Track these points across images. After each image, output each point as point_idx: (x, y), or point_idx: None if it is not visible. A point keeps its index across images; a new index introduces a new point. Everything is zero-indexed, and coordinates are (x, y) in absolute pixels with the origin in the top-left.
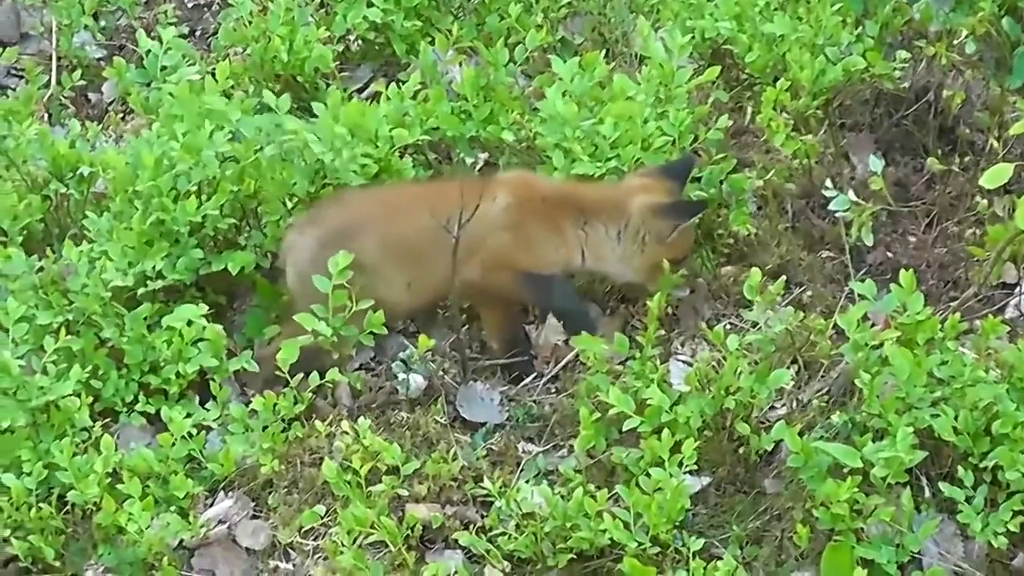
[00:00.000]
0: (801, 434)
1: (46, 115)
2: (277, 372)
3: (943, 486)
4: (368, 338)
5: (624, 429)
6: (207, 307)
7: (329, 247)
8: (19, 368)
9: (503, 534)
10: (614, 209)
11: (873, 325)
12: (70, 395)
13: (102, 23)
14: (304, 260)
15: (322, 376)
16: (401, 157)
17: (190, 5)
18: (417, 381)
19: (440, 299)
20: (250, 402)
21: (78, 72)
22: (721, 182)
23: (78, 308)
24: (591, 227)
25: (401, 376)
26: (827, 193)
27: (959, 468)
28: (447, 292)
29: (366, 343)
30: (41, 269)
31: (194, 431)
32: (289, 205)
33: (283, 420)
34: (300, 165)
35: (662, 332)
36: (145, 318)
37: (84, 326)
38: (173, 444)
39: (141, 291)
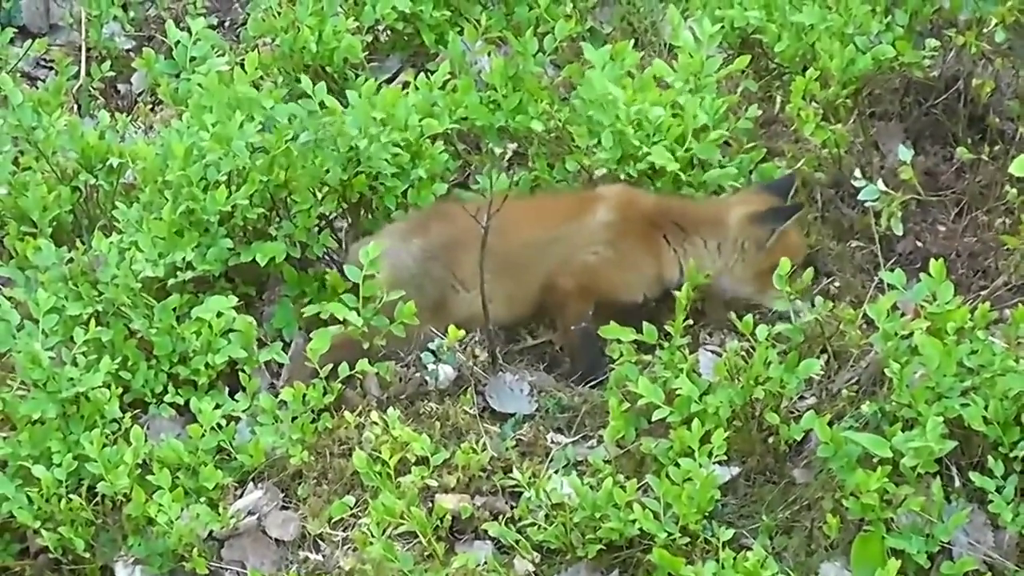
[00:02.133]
0: (831, 424)
1: (76, 106)
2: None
3: (973, 476)
4: (400, 328)
5: (653, 419)
6: (237, 298)
7: (433, 260)
8: (49, 359)
9: (532, 525)
10: (714, 222)
11: (903, 315)
12: (100, 387)
13: (131, 14)
14: (405, 267)
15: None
16: (433, 142)
17: None
18: (446, 372)
19: (536, 311)
20: (279, 393)
21: (107, 63)
22: (751, 171)
23: (108, 299)
24: (691, 242)
25: (430, 367)
26: (856, 183)
27: (989, 458)
28: (542, 304)
29: (397, 333)
30: (71, 260)
31: (224, 422)
32: (320, 195)
33: (312, 411)
34: (333, 153)
35: (690, 322)
36: (174, 309)
37: (113, 317)
38: (203, 435)
39: (171, 282)
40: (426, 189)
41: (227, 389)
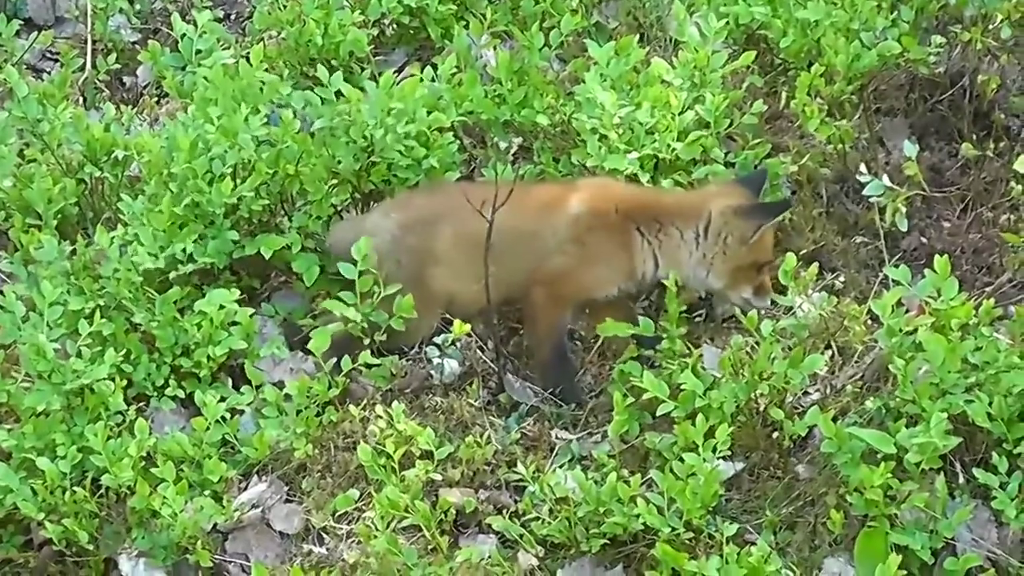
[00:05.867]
0: (835, 420)
1: (81, 98)
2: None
3: (977, 472)
4: (399, 323)
5: (658, 414)
6: (240, 291)
7: (409, 232)
8: (54, 351)
9: (536, 519)
10: (691, 212)
11: (907, 311)
12: (104, 379)
13: (137, 6)
14: (385, 242)
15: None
16: (441, 134)
17: None
18: (452, 366)
19: (512, 301)
20: (283, 384)
21: (113, 56)
22: (756, 167)
23: (110, 293)
24: (666, 232)
25: (436, 361)
26: (861, 178)
27: (993, 454)
28: (518, 294)
29: (396, 327)
30: (74, 252)
31: (228, 415)
32: (330, 185)
33: (317, 404)
34: (346, 144)
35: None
36: (176, 302)
37: (116, 311)
38: (207, 428)
39: (173, 275)
40: (438, 178)
41: (230, 382)
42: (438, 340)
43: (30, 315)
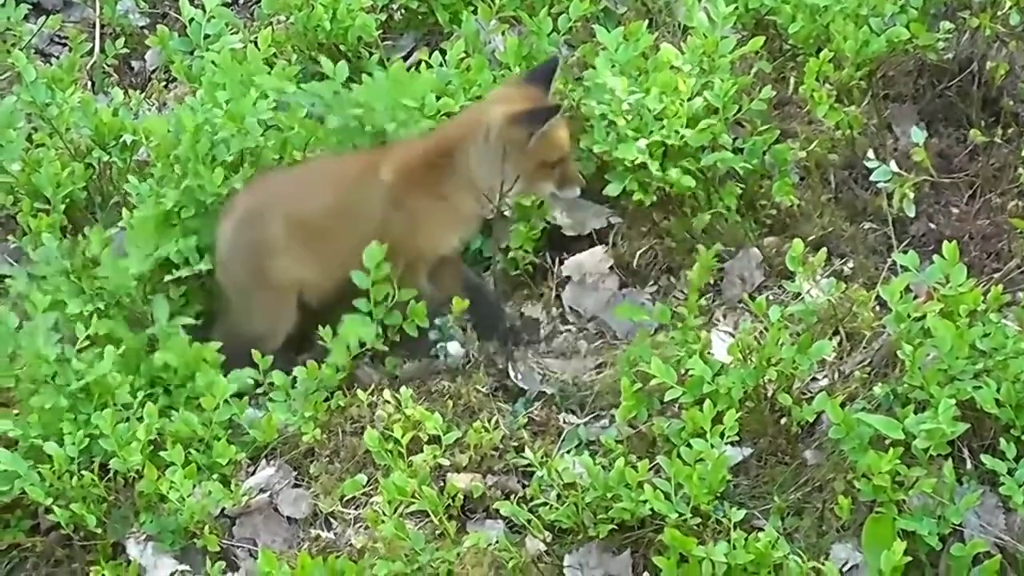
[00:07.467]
0: (843, 405)
1: (89, 83)
2: None
3: (985, 458)
4: (411, 327)
5: (665, 400)
6: None
7: (242, 230)
8: (55, 354)
9: (544, 504)
10: (474, 129)
11: (915, 297)
12: (109, 372)
13: None
14: (224, 248)
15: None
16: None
17: None
18: (454, 348)
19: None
20: (290, 371)
21: (121, 40)
22: (764, 153)
23: (108, 291)
24: (461, 157)
25: (439, 344)
26: (869, 164)
27: (1001, 440)
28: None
29: (410, 331)
30: (73, 250)
31: (236, 397)
32: None
33: (325, 389)
34: (359, 134)
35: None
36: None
37: (116, 308)
38: (215, 407)
39: (167, 279)
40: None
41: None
42: (439, 322)
43: (24, 324)
